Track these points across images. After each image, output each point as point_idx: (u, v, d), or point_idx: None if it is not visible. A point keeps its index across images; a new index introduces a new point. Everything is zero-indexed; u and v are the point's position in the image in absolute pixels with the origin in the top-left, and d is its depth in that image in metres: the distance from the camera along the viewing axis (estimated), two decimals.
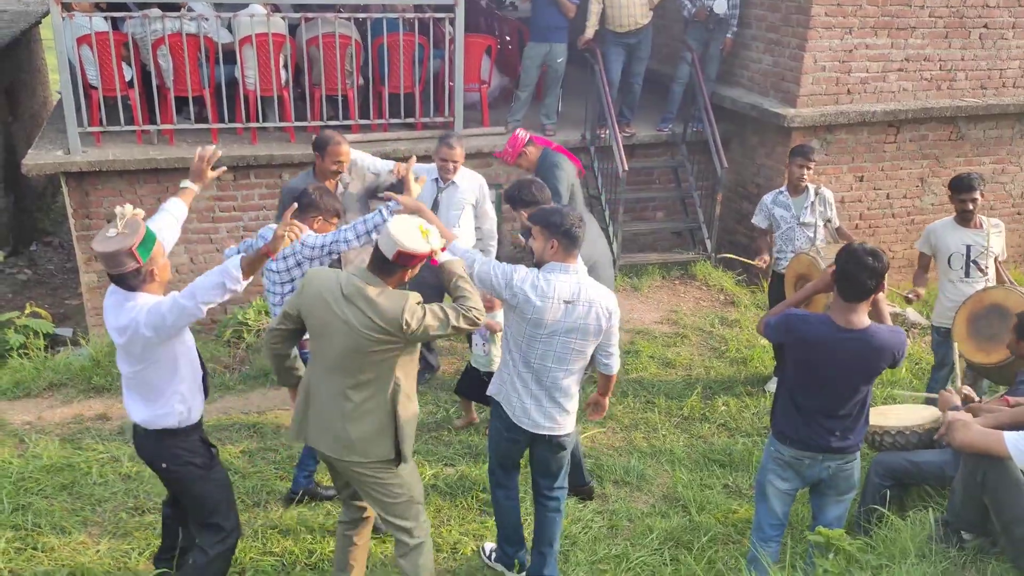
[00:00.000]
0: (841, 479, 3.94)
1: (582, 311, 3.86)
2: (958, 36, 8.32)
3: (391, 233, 3.46)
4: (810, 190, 6.24)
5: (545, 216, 3.91)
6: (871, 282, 3.60)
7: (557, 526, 4.32)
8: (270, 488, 5.10)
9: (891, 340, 3.71)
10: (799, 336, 3.79)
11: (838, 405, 3.79)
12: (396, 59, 7.80)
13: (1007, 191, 9.13)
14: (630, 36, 8.29)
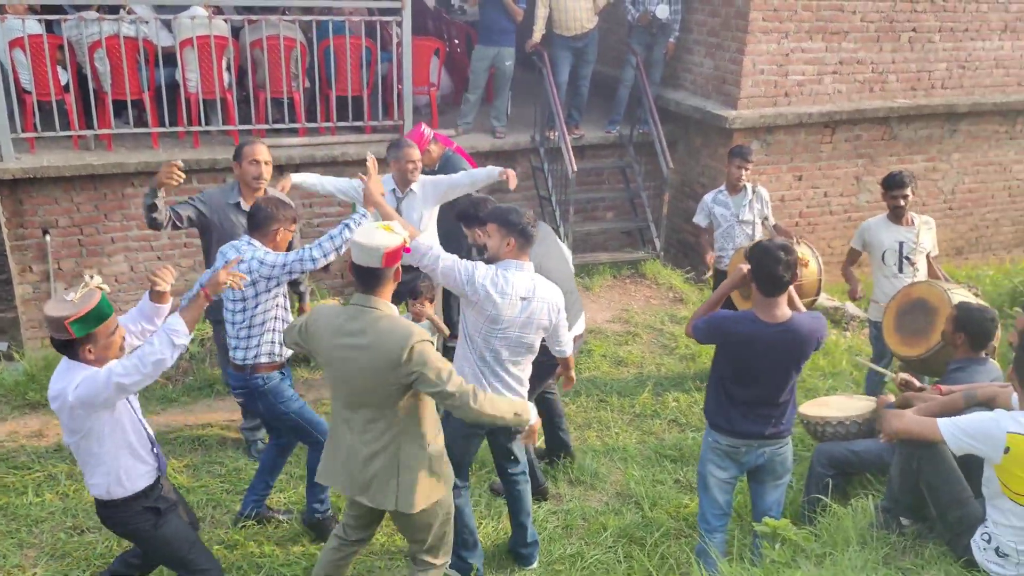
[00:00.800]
0: (777, 463, 4.13)
1: (536, 307, 4.02)
2: (889, 40, 8.61)
3: (369, 243, 3.39)
4: (748, 189, 6.42)
5: (503, 215, 4.03)
6: (786, 275, 3.79)
7: (529, 495, 4.55)
8: (216, 502, 5.07)
9: (814, 326, 3.93)
10: (729, 336, 3.97)
11: (772, 395, 3.98)
12: (343, 62, 7.77)
13: (938, 188, 9.47)
14: (577, 40, 8.39)
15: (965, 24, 8.87)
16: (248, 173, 5.00)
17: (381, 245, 3.39)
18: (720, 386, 4.09)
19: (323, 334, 3.52)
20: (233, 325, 4.36)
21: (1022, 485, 3.29)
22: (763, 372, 3.94)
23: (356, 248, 3.44)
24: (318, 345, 3.56)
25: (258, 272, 4.19)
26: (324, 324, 3.54)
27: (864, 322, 7.90)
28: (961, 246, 9.90)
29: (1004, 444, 3.27)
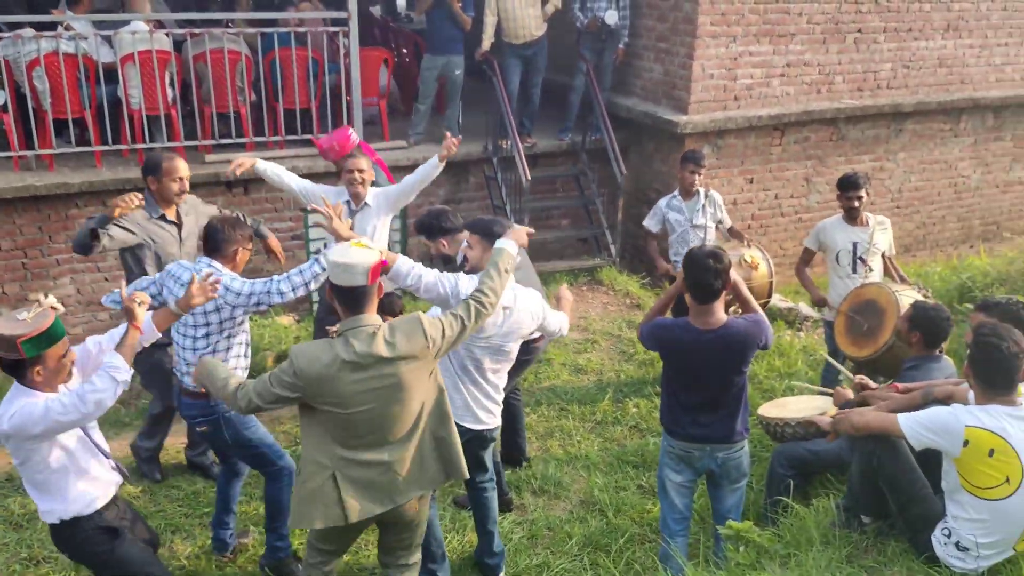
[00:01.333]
0: (731, 467, 4.13)
1: (518, 317, 4.08)
2: (835, 41, 8.74)
3: (351, 262, 3.30)
4: (701, 194, 6.45)
5: (485, 226, 4.08)
6: (717, 282, 3.82)
7: (495, 503, 4.56)
8: (175, 526, 4.93)
9: (752, 331, 3.93)
10: (665, 343, 4.02)
11: (717, 399, 4.00)
12: (290, 74, 7.67)
13: (886, 187, 9.63)
14: (526, 48, 8.39)
15: (909, 24, 9.05)
16: (170, 190, 4.84)
17: (364, 262, 3.32)
18: (669, 391, 4.14)
19: (341, 376, 3.29)
20: (194, 352, 4.14)
21: (981, 478, 3.32)
22: (703, 377, 3.97)
23: (339, 269, 3.32)
24: (335, 389, 3.29)
25: (223, 299, 4.01)
26: (338, 366, 3.28)
27: (818, 322, 7.99)
28: (909, 244, 10.08)
29: (963, 438, 3.31)
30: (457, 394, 4.12)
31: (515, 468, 5.52)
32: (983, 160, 10.20)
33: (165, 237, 4.89)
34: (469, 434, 4.18)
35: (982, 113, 9.90)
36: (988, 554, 3.38)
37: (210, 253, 4.17)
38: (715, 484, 4.25)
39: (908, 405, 3.82)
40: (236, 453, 4.44)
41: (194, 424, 4.39)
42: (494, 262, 3.73)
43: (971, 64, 9.61)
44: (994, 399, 3.38)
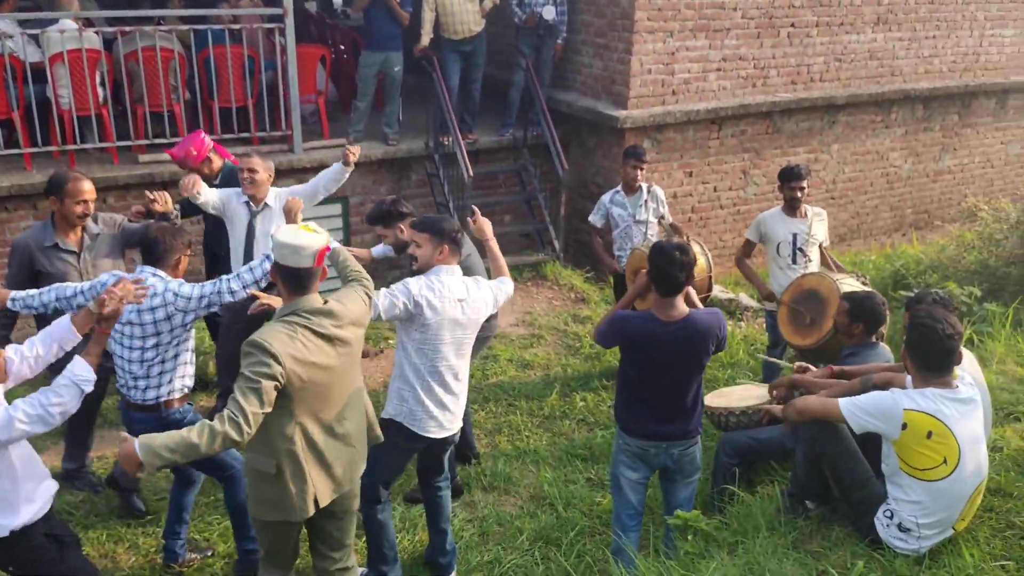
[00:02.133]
0: (686, 463, 4.17)
1: (473, 307, 4.11)
2: (768, 36, 8.91)
3: (299, 243, 3.32)
4: (643, 189, 6.51)
5: (433, 224, 4.09)
6: (681, 275, 3.87)
7: (449, 501, 4.59)
8: (117, 537, 4.80)
9: (712, 321, 3.98)
10: (629, 336, 4.01)
11: (677, 394, 4.02)
12: (225, 72, 7.52)
13: (820, 178, 9.85)
14: (465, 43, 8.36)
15: (840, 18, 9.26)
16: (73, 213, 4.56)
17: (311, 244, 3.34)
18: (627, 388, 4.12)
19: (312, 350, 3.31)
20: (142, 364, 4.00)
21: (920, 460, 3.42)
22: (665, 371, 3.98)
23: (287, 250, 3.33)
24: (311, 364, 3.30)
25: (174, 305, 3.91)
26: (306, 341, 3.29)
27: (758, 312, 8.14)
28: (844, 233, 10.33)
29: (901, 421, 3.40)
30: (419, 406, 4.10)
31: (464, 465, 5.52)
32: (913, 150, 10.50)
33: (63, 268, 4.58)
34: (431, 441, 4.19)
35: (912, 104, 10.19)
36: (929, 534, 3.48)
37: (153, 263, 4.05)
38: (669, 479, 4.27)
39: (848, 391, 3.91)
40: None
41: None
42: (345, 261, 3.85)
43: (901, 56, 9.88)
44: (931, 382, 3.47)
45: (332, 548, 3.75)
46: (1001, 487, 4.00)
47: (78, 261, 4.65)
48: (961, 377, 3.55)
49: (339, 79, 9.79)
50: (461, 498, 5.26)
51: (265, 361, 3.15)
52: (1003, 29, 10.57)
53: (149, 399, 4.07)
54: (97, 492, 5.16)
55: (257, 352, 3.18)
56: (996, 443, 4.43)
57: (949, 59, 10.29)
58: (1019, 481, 4.04)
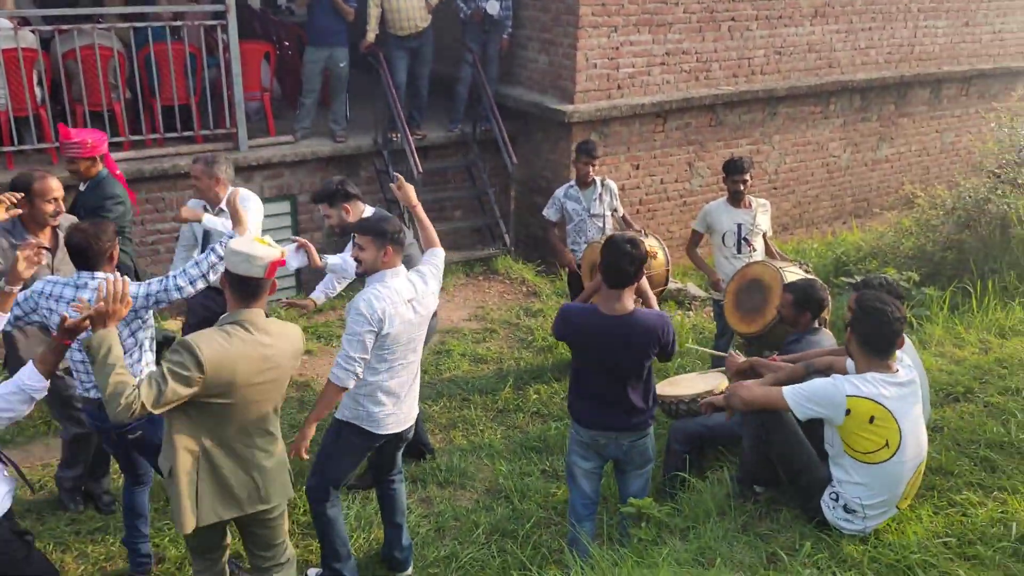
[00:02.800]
0: (636, 454, 4.23)
1: (423, 303, 4.14)
2: (710, 29, 9.05)
3: (253, 252, 3.31)
4: (597, 183, 6.57)
5: (375, 226, 4.04)
6: (631, 268, 3.90)
7: (404, 496, 4.61)
8: (65, 546, 4.72)
9: (657, 323, 3.99)
10: (573, 328, 4.08)
11: (620, 387, 4.06)
12: (166, 70, 7.40)
13: (763, 169, 10.04)
14: (411, 39, 8.34)
15: (779, 11, 9.44)
16: (44, 212, 4.47)
17: (265, 255, 3.33)
18: (576, 379, 4.19)
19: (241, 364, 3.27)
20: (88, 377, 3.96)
21: (863, 444, 3.53)
22: (607, 364, 4.03)
23: (239, 258, 3.32)
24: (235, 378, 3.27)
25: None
26: (238, 354, 3.27)
27: (706, 301, 8.29)
28: (786, 222, 10.55)
29: (845, 407, 3.51)
30: (378, 407, 4.11)
31: (419, 461, 5.54)
32: (852, 140, 10.77)
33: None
34: (389, 437, 4.22)
35: (850, 95, 10.45)
36: (874, 514, 3.60)
37: (89, 268, 3.91)
38: (620, 470, 4.35)
39: (792, 378, 4.02)
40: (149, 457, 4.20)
41: (125, 433, 4.08)
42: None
43: (838, 49, 10.12)
44: (874, 366, 3.59)
45: (261, 548, 3.77)
46: (942, 466, 4.15)
47: (52, 260, 4.56)
48: (900, 360, 3.68)
49: (284, 76, 9.69)
50: (417, 494, 5.28)
51: (187, 365, 3.17)
52: (936, 20, 10.89)
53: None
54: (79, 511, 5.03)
55: (184, 353, 3.19)
56: (936, 423, 4.59)
57: (885, 50, 10.56)
58: (959, 460, 4.20)
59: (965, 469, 4.12)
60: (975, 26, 11.33)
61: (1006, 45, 11.82)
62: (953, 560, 3.43)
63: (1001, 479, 4.01)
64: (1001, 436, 4.39)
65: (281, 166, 7.83)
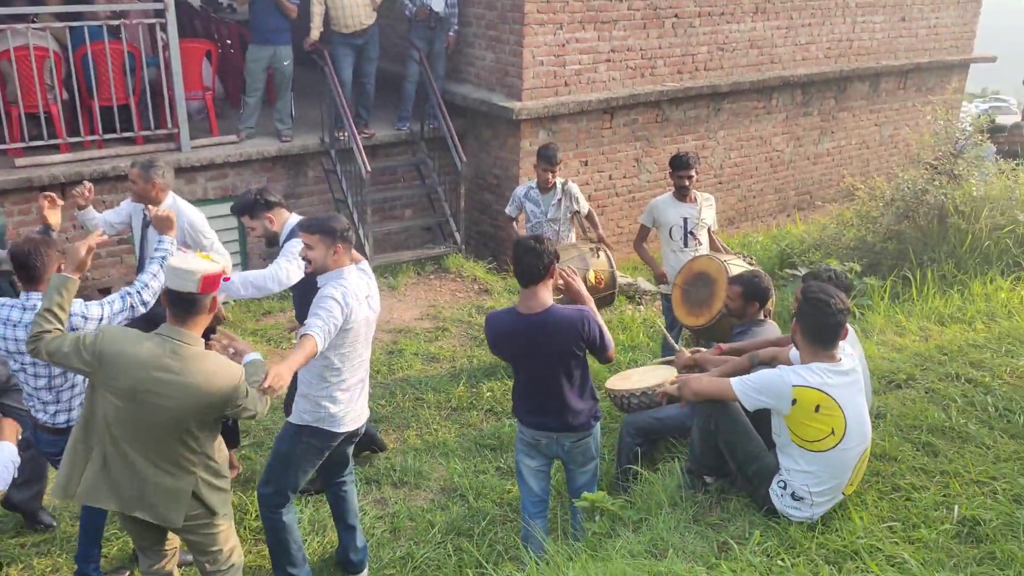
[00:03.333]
0: (577, 453, 4.26)
1: (376, 298, 4.16)
2: (654, 26, 9.13)
3: (185, 266, 3.25)
4: (558, 187, 6.58)
5: (322, 224, 3.99)
6: (539, 264, 3.92)
7: (355, 497, 4.58)
8: (10, 557, 4.60)
9: (574, 317, 3.99)
10: (495, 332, 4.09)
11: (555, 386, 4.06)
12: (104, 70, 7.23)
13: (708, 164, 10.18)
14: (357, 37, 8.27)
15: (721, 8, 9.57)
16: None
17: (198, 269, 3.25)
18: (516, 380, 4.23)
19: (130, 364, 3.28)
20: (50, 390, 3.87)
21: (809, 432, 3.61)
22: (530, 362, 4.04)
23: (172, 273, 3.27)
24: (118, 373, 3.30)
25: (84, 330, 3.72)
26: (132, 352, 3.29)
27: (655, 295, 8.38)
28: (732, 216, 10.72)
29: (791, 397, 3.57)
30: (335, 405, 4.09)
31: (370, 453, 5.55)
32: (794, 135, 10.97)
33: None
34: (345, 435, 4.21)
35: (791, 90, 10.64)
36: (821, 501, 3.68)
37: (35, 285, 3.81)
38: (566, 467, 4.39)
39: (737, 371, 4.09)
40: None
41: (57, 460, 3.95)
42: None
43: (779, 44, 10.29)
44: (818, 356, 3.66)
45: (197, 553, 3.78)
46: (886, 452, 4.25)
47: None
48: (842, 349, 3.76)
49: (227, 75, 9.54)
50: (371, 495, 5.26)
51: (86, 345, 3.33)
52: (873, 16, 11.15)
53: (60, 422, 3.93)
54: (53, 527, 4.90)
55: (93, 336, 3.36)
56: (879, 410, 4.71)
57: (824, 46, 10.78)
58: (902, 445, 4.30)
59: (908, 454, 4.22)
60: (911, 20, 11.63)
61: (941, 39, 12.16)
62: (898, 544, 3.52)
63: (943, 463, 4.12)
64: (942, 421, 4.51)
65: (225, 166, 7.72)
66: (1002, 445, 4.27)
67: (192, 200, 7.62)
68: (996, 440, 4.32)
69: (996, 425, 4.47)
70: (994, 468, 4.03)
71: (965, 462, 4.10)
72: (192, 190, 7.64)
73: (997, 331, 5.78)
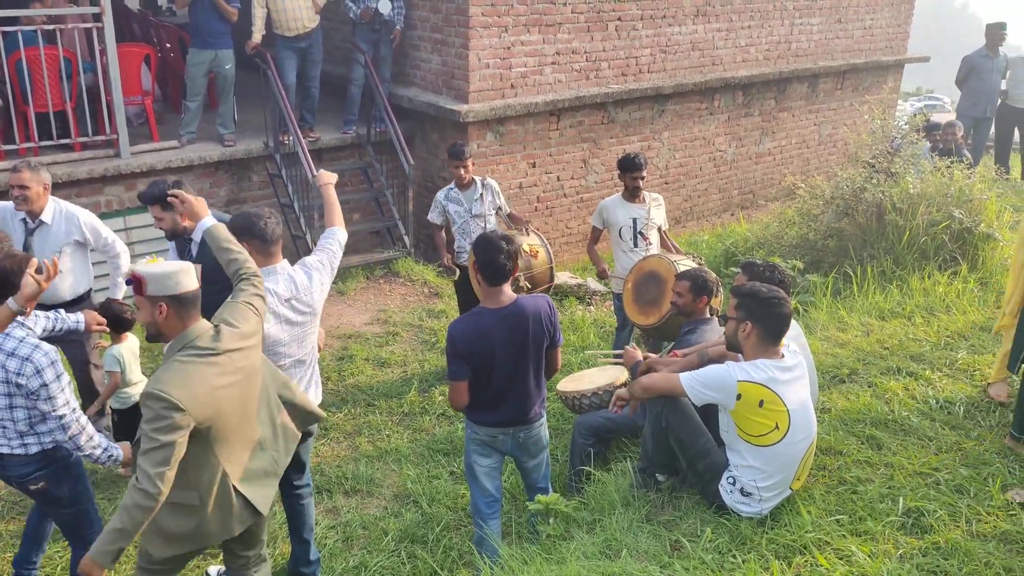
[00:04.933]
0: (531, 444, 4.29)
1: (305, 300, 4.06)
2: (598, 29, 9.20)
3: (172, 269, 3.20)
4: (477, 183, 6.55)
5: (240, 225, 3.91)
6: (508, 263, 3.96)
7: (313, 509, 4.51)
8: None
9: (540, 304, 4.08)
10: (469, 335, 3.98)
11: (522, 377, 4.10)
12: (39, 75, 7.04)
13: (654, 164, 10.30)
14: (300, 40, 8.18)
15: (663, 11, 9.68)
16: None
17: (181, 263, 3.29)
18: (474, 380, 4.11)
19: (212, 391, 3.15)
20: (13, 422, 3.68)
21: (754, 427, 3.67)
22: (506, 357, 4.02)
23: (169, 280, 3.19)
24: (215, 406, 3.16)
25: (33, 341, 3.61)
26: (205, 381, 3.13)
27: (606, 296, 8.44)
28: (678, 216, 10.85)
29: (736, 392, 3.64)
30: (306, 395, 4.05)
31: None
32: (736, 135, 11.15)
33: None
34: None
35: (733, 91, 10.81)
36: (769, 496, 3.74)
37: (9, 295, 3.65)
38: (517, 462, 4.40)
39: (687, 366, 4.14)
40: (60, 511, 3.96)
41: (27, 484, 3.83)
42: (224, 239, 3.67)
43: (720, 47, 10.46)
44: (767, 352, 3.73)
45: (248, 547, 3.71)
46: (832, 446, 4.34)
47: None
48: (786, 345, 3.84)
49: (167, 79, 9.36)
50: (323, 504, 5.20)
51: (166, 416, 2.99)
52: (811, 18, 11.39)
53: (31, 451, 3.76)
54: None
55: (156, 406, 3.00)
56: (824, 405, 4.81)
57: (764, 48, 10.98)
58: (847, 439, 4.40)
59: (853, 448, 4.32)
60: (847, 22, 11.91)
61: (876, 40, 12.48)
62: (846, 537, 3.60)
63: (887, 456, 4.23)
64: (885, 414, 4.63)
65: (166, 172, 7.56)
66: (943, 437, 4.39)
67: (133, 207, 7.49)
68: (937, 432, 4.45)
69: (937, 417, 4.60)
70: (936, 459, 4.15)
71: (908, 454, 4.22)
72: (133, 197, 7.48)
73: (936, 325, 5.95)
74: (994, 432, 4.43)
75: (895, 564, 3.40)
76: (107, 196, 7.39)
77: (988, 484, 3.93)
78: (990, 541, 3.55)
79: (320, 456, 5.68)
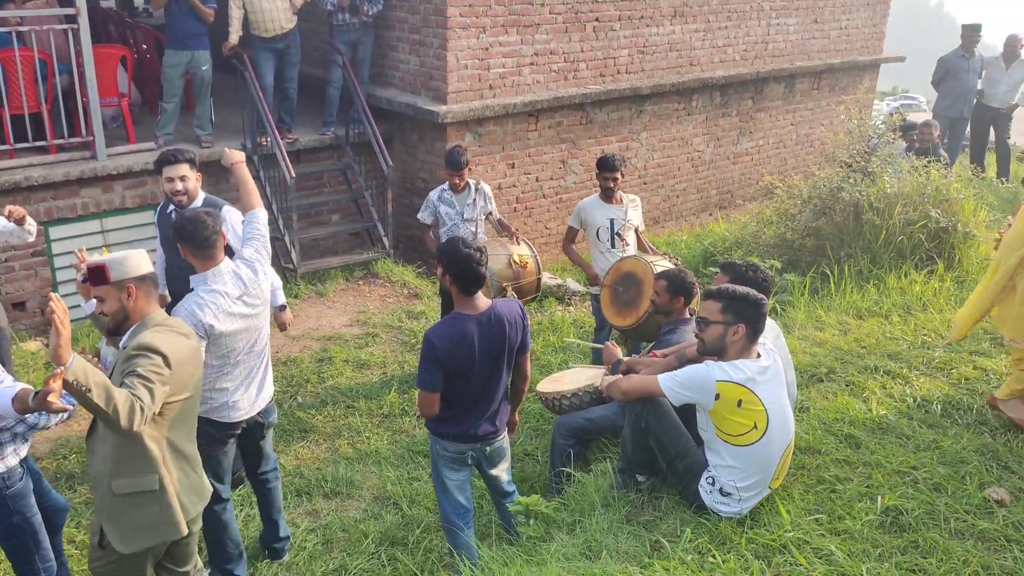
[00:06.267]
0: (496, 455, 4.30)
1: (254, 292, 4.07)
2: (576, 30, 9.22)
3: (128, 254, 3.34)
4: (471, 187, 6.56)
5: (179, 232, 3.91)
6: (482, 268, 3.95)
7: (280, 492, 4.69)
8: None
9: (514, 307, 4.09)
10: (448, 340, 3.92)
11: (494, 386, 4.08)
12: (14, 77, 6.95)
13: (633, 165, 10.32)
14: (277, 41, 8.13)
15: (641, 12, 9.71)
16: None
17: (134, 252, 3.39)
18: (447, 395, 4.03)
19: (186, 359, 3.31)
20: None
21: (732, 427, 3.69)
22: (482, 363, 3.98)
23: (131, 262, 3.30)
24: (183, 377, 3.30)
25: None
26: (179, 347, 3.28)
27: (585, 296, 8.46)
28: (657, 216, 10.88)
29: (715, 392, 3.65)
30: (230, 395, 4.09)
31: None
32: (714, 135, 11.20)
33: None
34: (241, 424, 4.23)
35: (710, 92, 10.86)
36: (748, 496, 3.76)
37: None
38: (481, 470, 4.37)
39: (666, 367, 4.16)
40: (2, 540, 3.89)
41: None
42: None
43: (698, 47, 10.50)
44: (748, 353, 3.75)
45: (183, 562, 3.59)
46: (810, 445, 4.37)
47: None
48: (762, 344, 3.86)
49: (144, 81, 9.27)
50: (303, 506, 5.17)
51: (156, 362, 3.12)
52: (787, 18, 11.46)
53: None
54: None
55: (149, 353, 3.12)
56: (803, 404, 4.84)
57: (741, 48, 11.04)
58: (825, 438, 4.43)
59: (831, 447, 4.35)
60: (823, 23, 12.00)
61: (852, 40, 12.58)
62: (825, 536, 3.62)
63: (865, 455, 4.26)
64: (863, 413, 4.67)
65: (144, 174, 7.49)
66: (921, 435, 4.43)
67: (110, 209, 7.43)
68: (915, 430, 4.48)
69: (915, 416, 4.64)
70: (914, 458, 4.19)
71: (886, 453, 4.25)
72: (110, 199, 7.41)
73: (913, 323, 6.01)
74: (971, 430, 4.47)
75: (874, 563, 3.43)
76: (83, 198, 7.32)
77: (966, 482, 3.97)
78: (968, 539, 3.58)
79: (300, 458, 5.65)
